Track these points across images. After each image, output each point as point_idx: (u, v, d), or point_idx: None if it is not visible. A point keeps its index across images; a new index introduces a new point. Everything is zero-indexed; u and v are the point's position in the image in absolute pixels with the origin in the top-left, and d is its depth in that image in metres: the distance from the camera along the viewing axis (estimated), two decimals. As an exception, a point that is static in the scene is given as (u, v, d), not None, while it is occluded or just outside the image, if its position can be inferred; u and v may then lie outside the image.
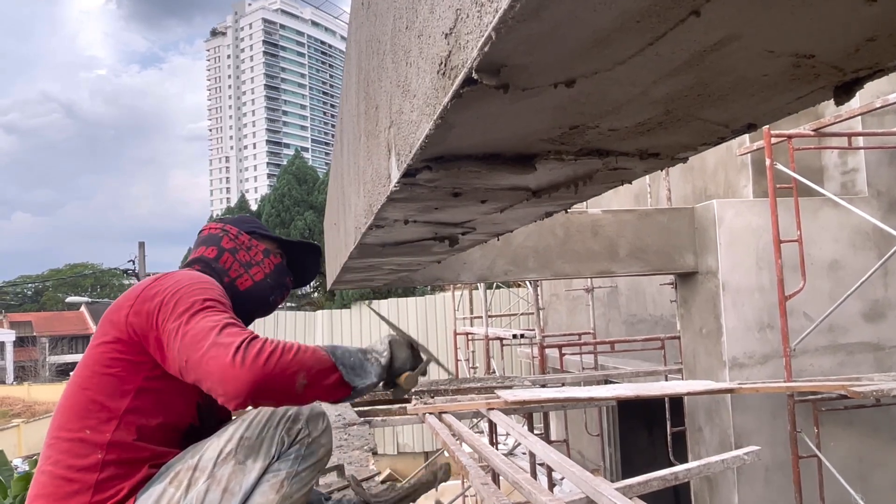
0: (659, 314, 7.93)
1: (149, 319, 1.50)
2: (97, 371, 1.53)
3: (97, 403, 1.50)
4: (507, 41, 0.62)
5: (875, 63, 0.74)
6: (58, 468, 1.47)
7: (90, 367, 1.55)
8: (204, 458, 1.52)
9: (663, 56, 0.69)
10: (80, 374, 1.56)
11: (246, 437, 1.55)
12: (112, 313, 1.58)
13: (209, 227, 1.93)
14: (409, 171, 1.14)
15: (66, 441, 1.49)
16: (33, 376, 39.68)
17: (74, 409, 1.51)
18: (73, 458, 1.47)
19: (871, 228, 5.55)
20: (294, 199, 36.93)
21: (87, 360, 1.57)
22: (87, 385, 1.53)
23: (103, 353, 1.54)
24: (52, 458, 1.50)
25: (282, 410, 1.60)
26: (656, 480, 3.45)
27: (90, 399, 1.51)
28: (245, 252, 1.85)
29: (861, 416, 5.46)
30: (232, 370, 1.30)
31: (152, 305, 1.51)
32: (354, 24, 2.25)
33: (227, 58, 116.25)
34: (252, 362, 1.31)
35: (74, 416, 1.50)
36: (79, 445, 1.48)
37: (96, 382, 1.52)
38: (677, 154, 1.15)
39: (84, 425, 1.48)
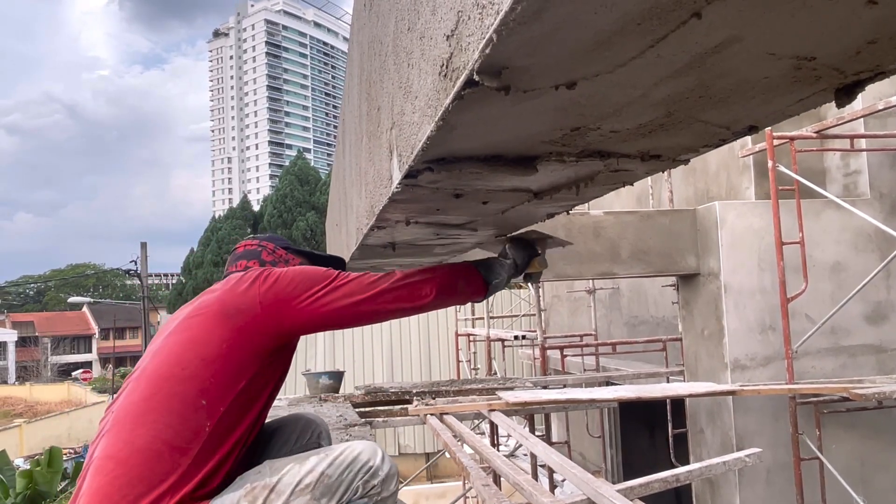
0: (661, 316, 7.92)
1: (286, 296, 1.61)
2: (225, 352, 1.56)
3: (219, 380, 1.53)
4: (508, 43, 0.62)
5: (876, 65, 0.74)
6: (163, 433, 1.47)
7: (217, 344, 1.56)
8: (283, 482, 1.54)
9: (664, 58, 0.70)
10: (202, 349, 1.56)
11: (327, 475, 1.58)
12: (233, 300, 1.62)
13: (244, 243, 1.98)
14: (410, 172, 1.14)
15: (180, 407, 1.50)
16: (35, 376, 39.72)
17: (195, 380, 1.52)
18: (183, 425, 1.48)
19: (874, 230, 5.54)
20: (296, 199, 36.96)
21: (208, 339, 1.58)
22: (214, 361, 1.55)
23: (237, 334, 1.58)
24: (158, 422, 1.48)
25: (364, 458, 1.64)
26: (657, 482, 3.45)
27: (213, 374, 1.53)
28: (284, 265, 1.91)
29: (863, 418, 5.45)
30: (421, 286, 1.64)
31: (284, 286, 1.63)
32: (357, 25, 2.25)
33: (229, 58, 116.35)
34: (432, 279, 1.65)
35: (194, 387, 1.52)
36: (192, 414, 1.49)
37: (222, 362, 1.55)
38: (679, 156, 1.15)
39: (203, 396, 1.51)
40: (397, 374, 14.56)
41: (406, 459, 13.73)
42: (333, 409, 5.39)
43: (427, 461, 12.83)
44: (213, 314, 1.62)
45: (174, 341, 1.61)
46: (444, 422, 4.58)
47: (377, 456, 1.68)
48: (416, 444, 14.09)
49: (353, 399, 5.96)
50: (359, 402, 5.89)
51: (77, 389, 31.37)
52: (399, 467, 1.69)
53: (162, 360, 1.58)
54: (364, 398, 5.96)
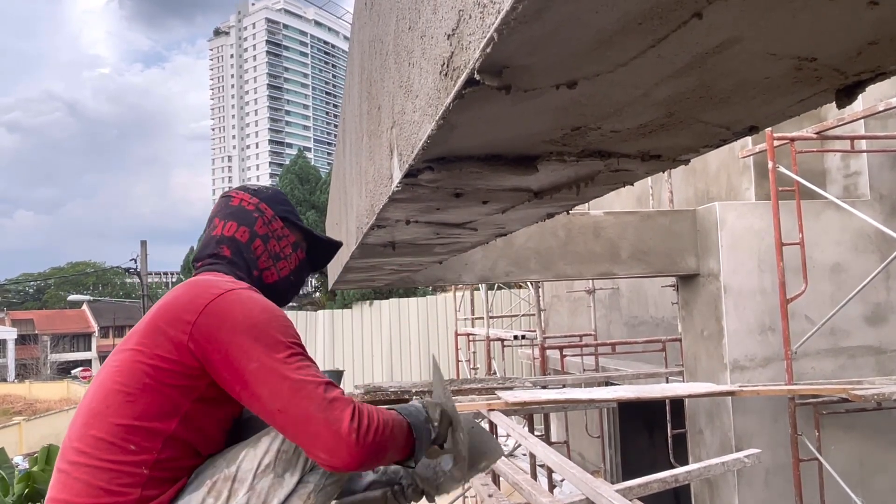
0: (660, 316, 7.92)
1: (219, 344, 1.40)
2: (149, 386, 1.40)
3: (142, 422, 1.40)
4: (509, 42, 0.62)
5: (877, 66, 0.74)
6: (96, 479, 1.36)
7: (138, 377, 1.41)
8: (242, 469, 1.48)
9: (665, 58, 0.70)
10: (125, 381, 1.41)
11: (283, 451, 1.51)
12: (168, 326, 1.43)
13: (242, 196, 1.74)
14: (411, 171, 1.14)
15: (106, 455, 1.37)
16: (34, 374, 39.74)
17: (120, 421, 1.39)
18: (116, 474, 1.37)
19: (874, 232, 5.55)
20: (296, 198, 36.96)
21: (135, 367, 1.42)
22: (137, 399, 1.40)
23: (159, 367, 1.41)
24: (89, 466, 1.37)
25: None
26: (656, 482, 3.45)
27: (135, 416, 1.39)
28: (276, 242, 1.73)
29: (862, 419, 5.45)
30: (347, 446, 1.34)
31: (224, 331, 1.40)
32: (357, 24, 2.25)
33: (230, 57, 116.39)
34: (363, 440, 1.36)
35: (119, 430, 1.39)
36: (121, 464, 1.37)
37: (148, 398, 1.40)
38: (679, 156, 1.15)
39: (129, 440, 1.38)
40: (396, 374, 14.57)
41: (405, 459, 13.72)
42: (333, 408, 5.38)
43: (426, 461, 12.81)
44: (144, 335, 1.44)
45: (111, 367, 1.46)
46: (444, 421, 4.58)
47: None
48: (416, 444, 14.08)
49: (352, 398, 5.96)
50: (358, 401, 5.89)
51: (76, 387, 31.38)
52: None
53: (96, 390, 1.44)
54: (364, 398, 5.96)
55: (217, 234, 1.69)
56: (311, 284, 40.20)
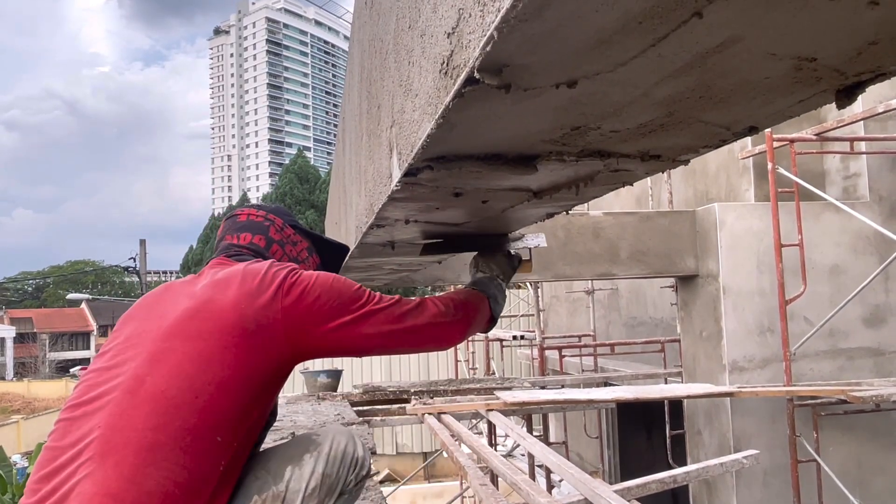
0: (659, 317, 7.92)
1: (313, 316, 1.44)
2: (245, 378, 1.38)
3: (236, 413, 1.37)
4: (509, 41, 0.62)
5: (877, 67, 0.74)
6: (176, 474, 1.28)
7: (236, 371, 1.37)
8: (290, 489, 1.47)
9: (665, 57, 0.69)
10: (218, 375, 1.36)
11: (327, 475, 1.54)
12: (254, 312, 1.41)
13: (248, 212, 1.76)
14: (410, 170, 1.14)
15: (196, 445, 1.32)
16: (33, 373, 39.72)
17: (210, 413, 1.34)
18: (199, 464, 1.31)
19: (873, 233, 5.55)
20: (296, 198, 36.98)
21: (226, 361, 1.37)
22: (232, 392, 1.37)
23: (256, 360, 1.40)
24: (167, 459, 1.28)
25: (351, 450, 1.59)
26: (655, 483, 3.45)
27: (230, 407, 1.37)
28: (292, 247, 1.75)
29: (860, 421, 5.45)
30: (452, 328, 1.63)
31: (310, 300, 1.45)
32: (357, 23, 2.25)
33: (230, 56, 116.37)
34: (462, 319, 1.65)
35: (209, 421, 1.33)
36: (207, 453, 1.33)
37: (242, 391, 1.38)
38: (679, 156, 1.15)
39: (218, 433, 1.35)
40: (395, 374, 14.57)
41: (403, 459, 13.74)
42: (331, 408, 5.39)
43: (424, 460, 12.83)
44: (230, 327, 1.40)
45: (183, 356, 1.37)
46: (442, 421, 4.58)
47: (358, 445, 1.64)
48: (414, 444, 14.09)
49: (351, 398, 5.96)
50: (357, 400, 5.90)
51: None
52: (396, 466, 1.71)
53: (169, 378, 1.34)
54: (362, 397, 5.96)
55: (233, 243, 1.69)
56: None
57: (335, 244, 1.93)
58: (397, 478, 12.45)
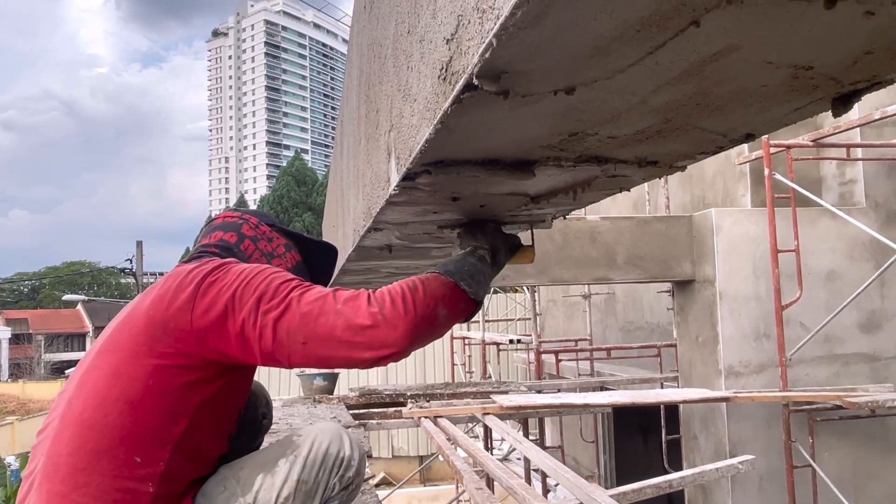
0: (656, 322, 7.93)
1: (223, 316, 1.30)
2: (153, 389, 1.29)
3: (153, 429, 1.28)
4: (508, 48, 0.63)
5: (873, 76, 0.75)
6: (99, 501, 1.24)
7: (141, 380, 1.28)
8: (260, 499, 1.39)
9: (663, 65, 0.70)
10: (125, 387, 1.29)
11: (303, 481, 1.42)
12: (165, 318, 1.32)
13: (224, 215, 1.70)
14: (408, 174, 1.14)
15: (110, 470, 1.25)
16: (28, 374, 39.54)
17: (121, 432, 1.27)
18: (121, 492, 1.25)
19: (869, 239, 5.56)
20: (293, 200, 36.96)
21: (135, 370, 1.29)
22: (140, 405, 1.28)
23: (163, 365, 1.30)
24: (90, 486, 1.23)
25: (334, 451, 1.47)
26: (650, 488, 3.45)
27: (142, 422, 1.28)
28: (266, 242, 1.64)
29: (856, 426, 5.46)
30: (380, 329, 1.23)
31: (223, 300, 1.30)
32: (356, 27, 2.25)
33: (228, 58, 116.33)
34: (393, 313, 1.24)
35: (122, 441, 1.26)
36: (126, 478, 1.26)
37: (153, 403, 1.29)
38: (676, 162, 1.16)
39: (134, 453, 1.26)
40: (392, 377, 14.54)
41: (399, 462, 13.71)
42: (327, 411, 5.38)
43: (420, 464, 12.80)
44: (138, 335, 1.32)
45: (97, 373, 1.32)
46: (438, 425, 4.58)
47: (345, 444, 1.50)
48: (410, 447, 14.06)
49: (347, 401, 5.96)
50: (353, 403, 5.89)
51: (70, 388, 31.24)
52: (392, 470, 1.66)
53: (86, 399, 1.29)
54: (358, 400, 5.96)
55: (204, 242, 1.63)
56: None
57: (319, 243, 1.81)
58: (393, 481, 12.42)
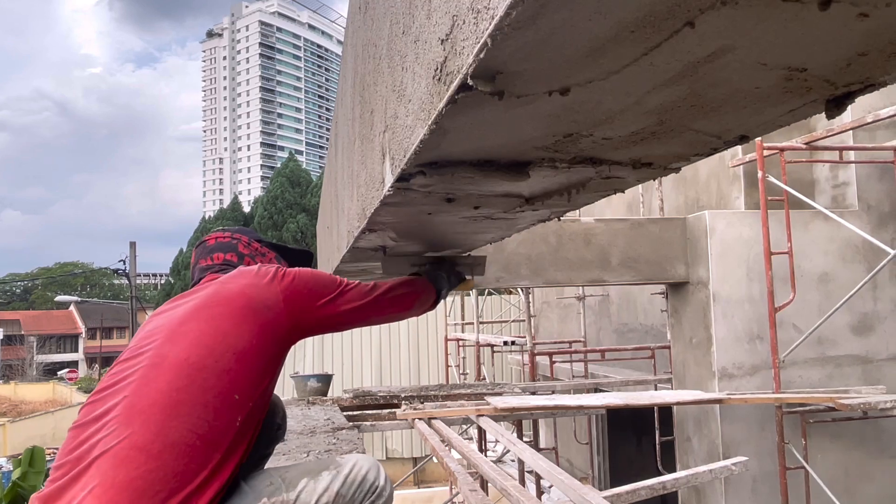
0: (650, 323, 7.95)
1: (308, 298, 1.68)
2: (258, 348, 1.55)
3: (251, 376, 1.53)
4: (502, 48, 0.63)
5: (866, 77, 0.75)
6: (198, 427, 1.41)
7: (248, 339, 1.54)
8: (301, 499, 1.54)
9: (657, 66, 0.70)
10: (234, 344, 1.52)
11: (342, 495, 1.58)
12: (260, 296, 1.61)
13: (215, 236, 1.95)
14: (403, 175, 1.14)
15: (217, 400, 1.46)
16: (20, 375, 39.36)
17: (230, 374, 1.49)
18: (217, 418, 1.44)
19: (861, 242, 5.59)
20: (287, 201, 36.88)
21: (239, 333, 1.54)
22: (247, 357, 1.53)
23: (265, 331, 1.57)
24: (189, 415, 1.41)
25: (371, 478, 1.66)
26: (644, 489, 3.46)
27: (247, 370, 1.52)
28: (261, 258, 1.93)
29: (848, 428, 5.48)
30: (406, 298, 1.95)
31: (304, 288, 1.69)
32: (351, 28, 2.25)
33: (222, 59, 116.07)
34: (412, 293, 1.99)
35: (229, 380, 1.49)
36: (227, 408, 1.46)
37: (254, 357, 1.54)
38: (670, 164, 1.16)
39: (235, 391, 1.49)
40: (386, 378, 14.52)
41: (393, 464, 13.68)
42: (321, 413, 5.36)
43: (414, 466, 12.79)
44: (241, 308, 1.58)
45: (201, 331, 1.53)
46: (433, 426, 4.57)
47: (381, 475, 1.70)
48: (404, 449, 14.05)
49: (341, 402, 5.94)
50: (347, 405, 5.88)
51: (62, 389, 31.10)
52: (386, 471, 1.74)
53: (190, 348, 1.50)
54: (352, 402, 5.94)
55: (208, 264, 1.87)
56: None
57: (299, 251, 2.13)
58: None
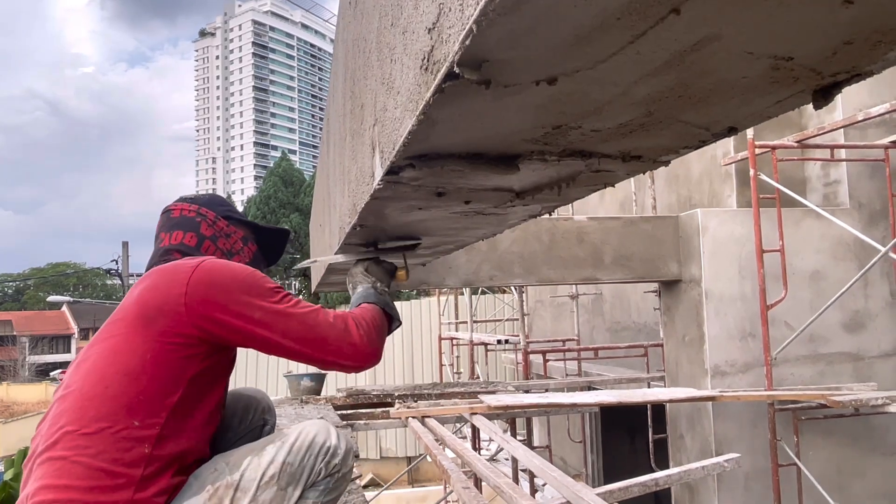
0: (643, 321, 7.97)
1: (217, 305, 1.50)
2: (153, 360, 1.46)
3: (148, 395, 1.43)
4: (488, 35, 0.62)
5: (853, 67, 0.75)
6: (98, 460, 1.37)
7: (139, 356, 1.45)
8: (245, 478, 1.49)
9: (644, 55, 0.70)
10: (124, 362, 1.45)
11: (289, 463, 1.54)
12: (159, 306, 1.49)
13: (181, 206, 1.81)
14: (392, 168, 1.13)
15: (110, 432, 1.39)
16: (12, 376, 39.13)
17: (121, 400, 1.41)
18: (117, 451, 1.38)
19: (853, 240, 5.61)
20: (280, 200, 36.81)
21: (132, 350, 1.46)
22: (139, 376, 1.44)
23: (162, 342, 1.47)
24: (90, 448, 1.37)
25: (320, 440, 1.61)
26: (637, 486, 3.46)
27: (140, 391, 1.43)
28: (225, 240, 1.79)
29: (840, 425, 5.51)
30: (363, 349, 1.63)
31: (216, 290, 1.52)
32: (342, 23, 2.25)
33: (215, 58, 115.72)
34: (371, 340, 1.66)
35: (121, 407, 1.41)
36: (123, 439, 1.39)
37: (151, 373, 1.45)
38: (659, 157, 1.16)
39: (132, 416, 1.41)
40: (379, 377, 14.51)
41: (387, 463, 13.68)
42: (315, 412, 5.35)
43: (408, 465, 12.79)
44: (133, 319, 1.50)
45: (97, 353, 1.50)
46: (426, 425, 4.57)
47: (332, 435, 1.65)
48: (398, 448, 14.04)
49: (334, 401, 5.93)
50: (340, 404, 5.87)
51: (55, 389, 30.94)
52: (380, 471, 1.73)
53: (84, 377, 1.47)
54: (346, 400, 5.93)
55: (165, 245, 1.75)
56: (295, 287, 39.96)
57: (273, 229, 2.03)
58: (381, 482, 12.39)
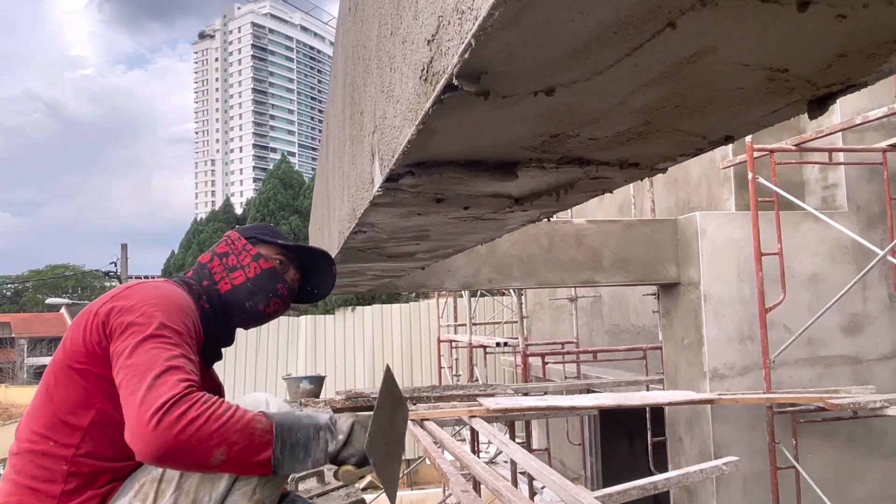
0: (641, 324, 7.97)
1: (104, 333, 1.42)
2: (63, 381, 1.46)
3: (60, 417, 1.44)
4: (486, 48, 0.63)
5: (847, 78, 0.76)
6: (22, 478, 1.43)
7: (56, 375, 1.48)
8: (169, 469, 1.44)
9: (641, 67, 0.71)
10: (47, 381, 1.49)
11: None
12: (79, 319, 1.50)
13: (226, 234, 1.88)
14: (391, 175, 1.14)
15: (30, 452, 1.44)
16: (10, 378, 39.07)
17: (41, 420, 1.46)
18: (38, 469, 1.42)
19: (851, 243, 5.62)
20: (279, 203, 36.78)
21: (54, 365, 1.49)
22: (53, 395, 1.46)
23: (69, 362, 1.46)
24: (17, 466, 1.45)
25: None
26: (636, 489, 3.47)
27: (53, 412, 1.45)
28: (234, 256, 1.77)
29: (838, 428, 5.51)
30: (145, 429, 1.23)
31: (111, 318, 1.43)
32: (342, 29, 2.26)
33: (215, 60, 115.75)
34: (166, 428, 1.22)
35: (40, 427, 1.45)
36: (42, 457, 1.43)
37: (62, 394, 1.45)
38: (657, 164, 1.17)
39: (48, 437, 1.43)
40: (378, 380, 14.51)
41: (386, 466, 13.64)
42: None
43: (407, 467, 12.77)
44: (71, 328, 1.51)
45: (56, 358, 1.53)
46: (425, 428, 4.57)
47: (272, 402, 1.63)
48: (397, 451, 14.01)
49: (333, 404, 5.93)
50: (339, 407, 5.87)
51: (53, 392, 30.87)
52: None
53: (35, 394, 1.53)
54: (345, 403, 5.94)
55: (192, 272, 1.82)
56: (294, 290, 39.81)
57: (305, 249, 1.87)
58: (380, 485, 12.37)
